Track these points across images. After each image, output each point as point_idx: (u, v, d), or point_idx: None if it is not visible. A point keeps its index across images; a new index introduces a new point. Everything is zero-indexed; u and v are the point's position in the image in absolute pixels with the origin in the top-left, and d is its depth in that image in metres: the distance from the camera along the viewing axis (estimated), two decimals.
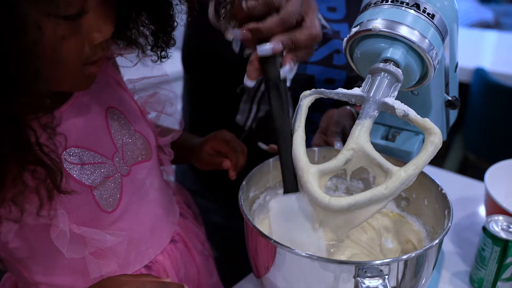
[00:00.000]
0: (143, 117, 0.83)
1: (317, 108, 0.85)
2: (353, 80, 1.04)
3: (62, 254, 0.68)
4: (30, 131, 0.54)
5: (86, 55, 0.61)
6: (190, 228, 0.93)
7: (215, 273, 0.97)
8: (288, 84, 0.70)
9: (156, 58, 0.76)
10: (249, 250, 0.72)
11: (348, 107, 0.98)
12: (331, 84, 1.04)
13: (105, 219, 0.73)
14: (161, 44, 0.73)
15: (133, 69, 0.79)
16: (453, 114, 0.89)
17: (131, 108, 0.81)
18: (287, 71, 0.68)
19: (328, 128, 0.93)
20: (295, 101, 1.04)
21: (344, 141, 0.81)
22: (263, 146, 1.04)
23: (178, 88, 1.05)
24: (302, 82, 1.03)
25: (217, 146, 0.95)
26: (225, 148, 0.94)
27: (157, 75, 0.83)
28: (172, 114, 0.87)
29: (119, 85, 0.81)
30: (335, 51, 1.03)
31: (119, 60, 0.82)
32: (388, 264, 0.60)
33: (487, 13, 3.44)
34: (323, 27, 1.02)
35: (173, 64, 0.84)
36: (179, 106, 1.12)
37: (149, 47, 0.74)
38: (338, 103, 1.02)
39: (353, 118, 0.96)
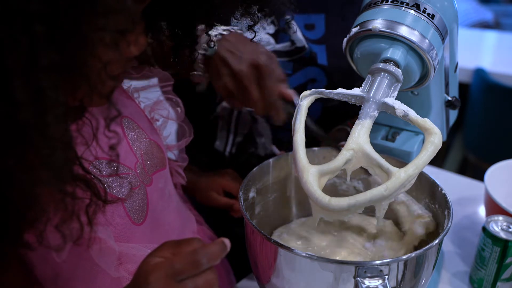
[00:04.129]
0: (152, 125, 0.82)
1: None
2: (330, 112, 1.00)
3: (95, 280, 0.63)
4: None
5: (119, 69, 0.57)
6: (207, 233, 0.92)
7: (231, 271, 0.97)
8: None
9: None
10: (249, 250, 0.72)
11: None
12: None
13: (136, 232, 0.71)
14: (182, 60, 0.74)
15: None
16: (453, 114, 0.89)
17: (141, 117, 0.79)
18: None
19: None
20: (272, 126, 1.02)
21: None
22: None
23: None
24: None
25: (229, 188, 0.97)
26: (236, 191, 0.95)
27: (162, 83, 0.83)
28: (178, 119, 0.87)
29: (126, 94, 0.80)
30: (310, 80, 0.99)
31: None
32: (388, 264, 0.60)
33: (487, 14, 3.43)
34: (301, 49, 0.97)
35: None
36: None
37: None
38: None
39: None
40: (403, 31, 0.65)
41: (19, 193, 0.46)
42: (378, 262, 0.60)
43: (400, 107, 0.63)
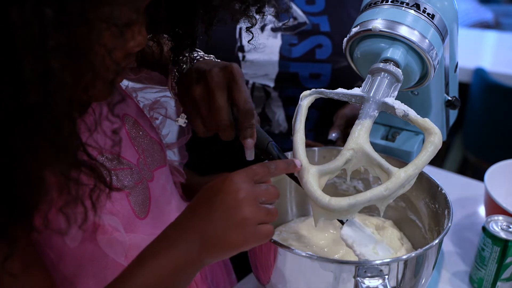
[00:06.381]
0: (151, 124, 0.82)
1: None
2: (340, 72, 1.02)
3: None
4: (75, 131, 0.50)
5: (122, 57, 0.58)
6: None
7: (232, 270, 0.97)
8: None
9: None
10: (249, 250, 0.72)
11: None
12: (317, 78, 1.03)
13: (139, 226, 0.71)
14: (181, 59, 0.74)
15: None
16: (453, 114, 0.89)
17: (141, 115, 0.80)
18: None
19: (335, 122, 0.93)
20: (284, 101, 1.03)
21: (346, 135, 0.81)
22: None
23: None
24: (286, 81, 1.03)
25: None
26: None
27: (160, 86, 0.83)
28: (176, 118, 0.87)
29: (125, 92, 0.80)
30: (317, 46, 1.02)
31: None
32: (388, 264, 0.60)
33: (487, 14, 3.43)
34: (301, 24, 1.01)
35: None
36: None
37: None
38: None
39: None
40: (403, 31, 0.65)
41: (25, 175, 0.47)
42: (378, 262, 0.60)
43: (400, 107, 0.63)
